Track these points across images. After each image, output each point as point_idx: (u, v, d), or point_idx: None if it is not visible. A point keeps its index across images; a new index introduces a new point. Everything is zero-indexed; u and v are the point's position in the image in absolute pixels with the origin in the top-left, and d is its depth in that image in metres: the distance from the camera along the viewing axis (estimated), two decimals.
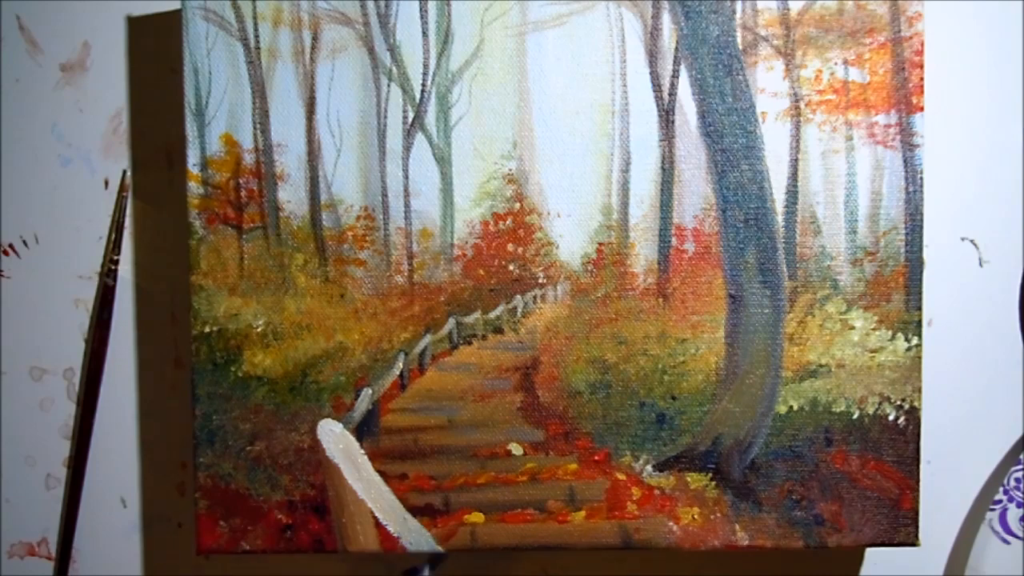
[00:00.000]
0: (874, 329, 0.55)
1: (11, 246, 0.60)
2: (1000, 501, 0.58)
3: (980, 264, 0.60)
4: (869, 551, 0.61)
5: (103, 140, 0.59)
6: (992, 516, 0.58)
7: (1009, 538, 0.58)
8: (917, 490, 0.55)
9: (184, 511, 0.55)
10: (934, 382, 0.59)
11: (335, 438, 0.55)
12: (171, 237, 0.59)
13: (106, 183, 0.60)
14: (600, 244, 0.55)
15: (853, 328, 0.55)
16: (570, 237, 0.55)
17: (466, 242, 0.55)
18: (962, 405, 0.60)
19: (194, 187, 0.54)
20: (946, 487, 0.60)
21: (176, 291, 0.59)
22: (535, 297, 0.56)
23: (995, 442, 0.60)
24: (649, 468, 0.55)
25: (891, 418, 0.55)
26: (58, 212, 0.60)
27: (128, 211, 0.59)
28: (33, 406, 0.60)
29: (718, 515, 0.55)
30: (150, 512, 0.60)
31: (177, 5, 0.54)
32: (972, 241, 0.60)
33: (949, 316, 0.60)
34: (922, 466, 0.58)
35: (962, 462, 0.60)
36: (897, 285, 0.55)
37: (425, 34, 0.54)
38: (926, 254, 0.59)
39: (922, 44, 0.54)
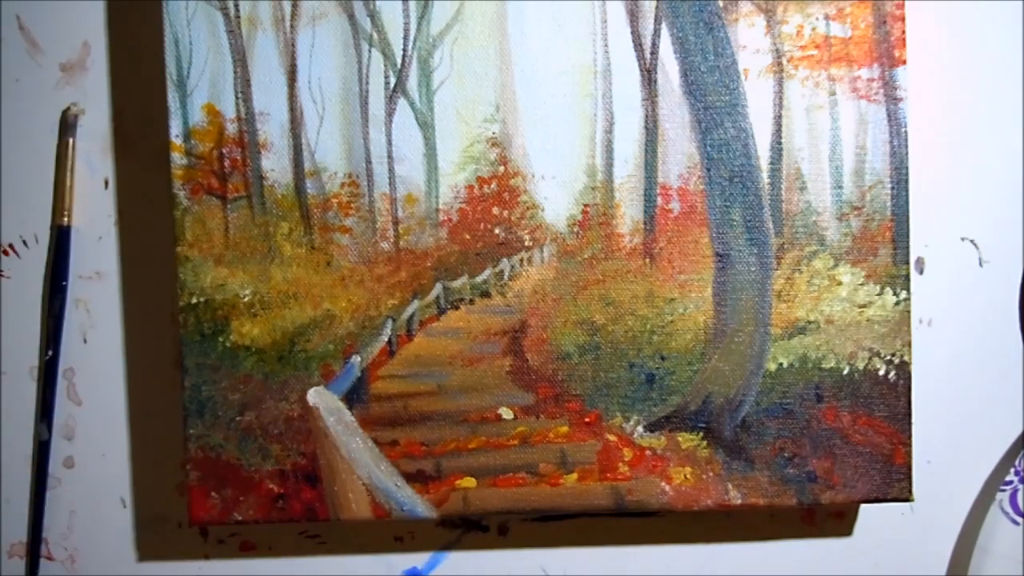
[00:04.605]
0: (862, 284, 0.55)
1: (11, 246, 0.60)
2: (1011, 482, 0.58)
3: (980, 264, 0.60)
4: (875, 536, 0.61)
5: (103, 140, 0.59)
6: (1002, 497, 0.58)
7: (1019, 519, 0.58)
8: (909, 445, 0.55)
9: (184, 511, 0.55)
10: (934, 382, 0.59)
11: (325, 406, 0.55)
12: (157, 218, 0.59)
13: (106, 183, 0.59)
14: (585, 205, 0.55)
15: (841, 283, 0.55)
16: (555, 199, 0.55)
17: (451, 207, 0.55)
18: (962, 405, 0.60)
19: (177, 158, 0.54)
20: (945, 487, 0.60)
21: (169, 287, 0.58)
22: (522, 260, 0.56)
23: (994, 443, 0.60)
24: (640, 429, 0.55)
25: (881, 373, 0.55)
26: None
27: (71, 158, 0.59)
28: (33, 406, 0.60)
29: (710, 474, 0.55)
30: (150, 512, 0.60)
31: None
32: (972, 241, 0.59)
33: (949, 316, 0.60)
34: (922, 466, 0.59)
35: (961, 463, 0.60)
36: (884, 239, 0.54)
37: None
38: (926, 254, 0.59)
39: None
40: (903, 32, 0.54)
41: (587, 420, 0.55)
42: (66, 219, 0.59)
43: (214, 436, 0.54)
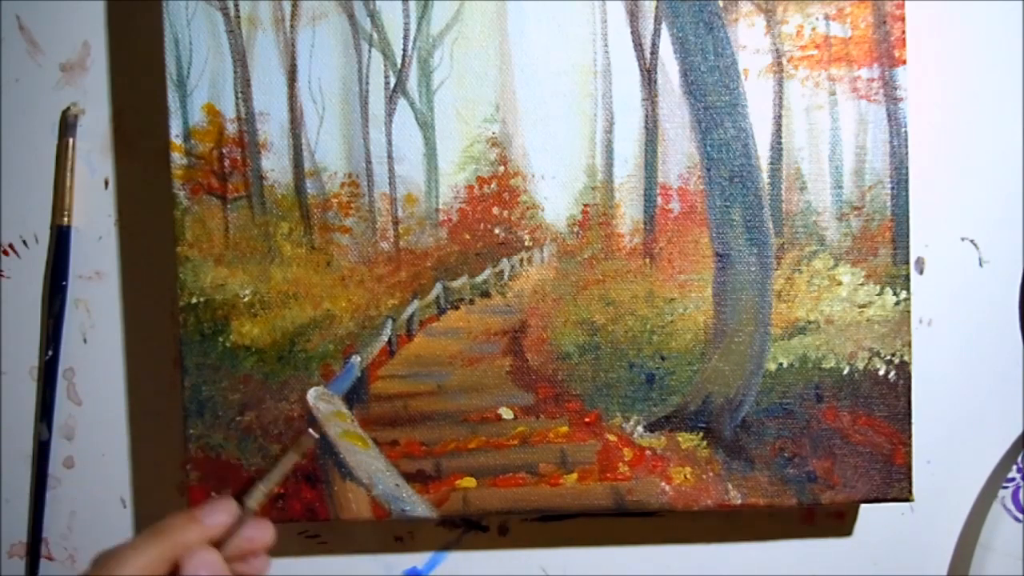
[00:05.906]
0: (862, 284, 0.55)
1: (11, 246, 0.60)
2: (1013, 479, 0.58)
3: (980, 264, 0.60)
4: (875, 536, 0.61)
5: (103, 140, 0.59)
6: (1004, 494, 0.58)
7: (1021, 516, 0.58)
8: (909, 445, 0.55)
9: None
10: (934, 382, 0.59)
11: (325, 406, 0.55)
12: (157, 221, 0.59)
13: (106, 183, 0.60)
14: (585, 205, 0.55)
15: (841, 284, 0.55)
16: (555, 199, 0.55)
17: (451, 207, 0.55)
18: (962, 405, 0.60)
19: (177, 158, 0.54)
20: (945, 487, 0.60)
21: (169, 287, 0.58)
22: (522, 260, 0.56)
23: (994, 443, 0.60)
24: (640, 429, 0.55)
25: (881, 373, 0.55)
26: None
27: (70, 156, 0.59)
28: (33, 406, 0.60)
29: (710, 474, 0.55)
30: (150, 512, 0.60)
31: None
32: (972, 241, 0.59)
33: (949, 316, 0.60)
34: (922, 466, 0.59)
35: (961, 462, 0.60)
36: (884, 239, 0.54)
37: None
38: (926, 254, 0.59)
39: None
40: (903, 32, 0.54)
41: (587, 420, 0.55)
42: (66, 219, 0.59)
43: (214, 436, 0.54)
